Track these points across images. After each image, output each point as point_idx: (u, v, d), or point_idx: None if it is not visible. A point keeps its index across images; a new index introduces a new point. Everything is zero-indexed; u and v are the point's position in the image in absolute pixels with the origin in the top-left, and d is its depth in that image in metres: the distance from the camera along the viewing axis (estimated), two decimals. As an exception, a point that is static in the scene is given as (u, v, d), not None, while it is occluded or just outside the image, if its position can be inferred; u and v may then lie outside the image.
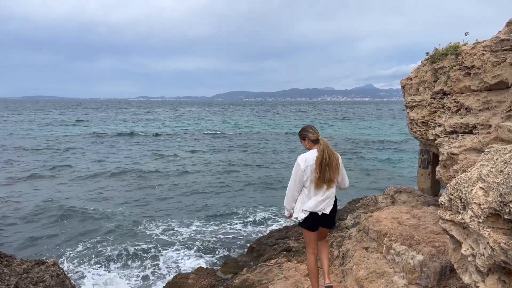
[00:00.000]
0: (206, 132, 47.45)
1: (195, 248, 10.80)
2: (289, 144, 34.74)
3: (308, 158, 4.17)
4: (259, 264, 6.89)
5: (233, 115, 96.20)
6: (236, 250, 10.56)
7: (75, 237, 11.48)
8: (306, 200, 4.19)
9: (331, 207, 4.24)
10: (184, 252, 10.55)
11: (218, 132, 46.73)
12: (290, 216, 4.35)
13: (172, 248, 10.80)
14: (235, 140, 38.10)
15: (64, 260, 9.85)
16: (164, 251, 10.55)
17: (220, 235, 11.75)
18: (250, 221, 13.12)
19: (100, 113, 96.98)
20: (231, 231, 12.16)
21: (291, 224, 11.17)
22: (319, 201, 4.17)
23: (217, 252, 10.54)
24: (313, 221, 4.19)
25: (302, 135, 4.34)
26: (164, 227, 12.48)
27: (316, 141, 4.25)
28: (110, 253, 10.38)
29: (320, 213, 4.18)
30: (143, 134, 42.74)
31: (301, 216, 4.20)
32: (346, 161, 24.11)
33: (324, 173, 4.11)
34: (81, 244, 11.02)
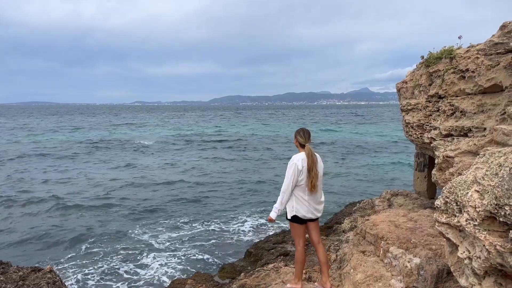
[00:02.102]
0: (199, 136, 47.38)
1: (192, 253, 10.76)
2: (287, 148, 34.76)
3: (303, 159, 4.36)
4: (256, 269, 6.88)
5: (230, 119, 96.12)
6: (233, 255, 10.52)
7: (71, 244, 11.40)
8: (301, 204, 4.42)
9: (320, 214, 4.61)
10: (181, 257, 10.51)
11: (213, 136, 46.67)
12: (274, 220, 4.50)
13: (169, 254, 10.75)
14: (229, 144, 38.09)
15: (60, 267, 9.78)
16: (160, 257, 10.50)
17: (217, 240, 11.71)
18: (247, 225, 13.10)
19: (96, 117, 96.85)
20: (228, 236, 12.13)
21: (288, 229, 11.16)
22: (312, 206, 4.45)
23: (214, 257, 10.50)
24: (304, 215, 4.46)
25: (295, 134, 4.56)
26: (160, 233, 12.43)
27: (303, 146, 4.45)
28: (106, 261, 10.32)
29: (308, 218, 4.49)
30: (131, 140, 42.55)
31: (291, 215, 4.48)
32: (342, 165, 24.14)
33: (312, 176, 4.33)
34: (77, 251, 10.95)
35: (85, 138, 43.45)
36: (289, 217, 4.50)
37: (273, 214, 4.45)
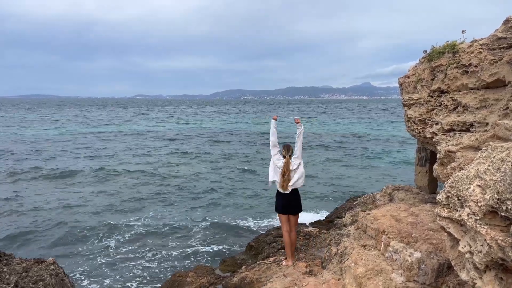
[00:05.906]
0: (202, 131, 47.42)
1: (193, 246, 10.81)
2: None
3: (281, 163, 5.96)
4: (257, 262, 6.91)
5: (233, 113, 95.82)
6: (234, 248, 10.58)
7: (75, 236, 11.47)
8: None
9: (294, 209, 6.07)
10: (182, 250, 10.56)
11: (213, 132, 46.71)
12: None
13: (170, 247, 10.81)
14: (230, 139, 38.10)
15: (63, 258, 9.84)
16: (162, 250, 10.56)
17: (218, 233, 11.76)
18: (248, 219, 13.14)
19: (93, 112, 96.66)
20: (229, 229, 12.17)
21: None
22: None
23: (215, 250, 10.56)
24: (283, 208, 6.02)
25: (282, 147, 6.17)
26: (160, 226, 12.48)
27: (284, 157, 5.98)
28: (108, 252, 10.38)
29: (285, 193, 5.98)
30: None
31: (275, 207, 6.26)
32: (343, 159, 24.14)
33: (285, 180, 5.90)
34: (80, 242, 11.02)
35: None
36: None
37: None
